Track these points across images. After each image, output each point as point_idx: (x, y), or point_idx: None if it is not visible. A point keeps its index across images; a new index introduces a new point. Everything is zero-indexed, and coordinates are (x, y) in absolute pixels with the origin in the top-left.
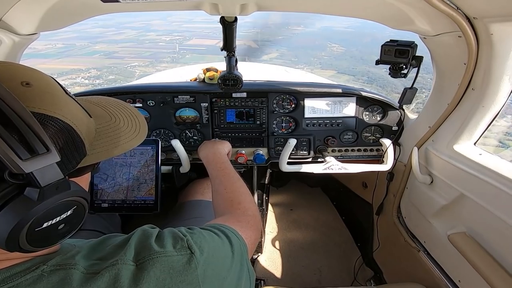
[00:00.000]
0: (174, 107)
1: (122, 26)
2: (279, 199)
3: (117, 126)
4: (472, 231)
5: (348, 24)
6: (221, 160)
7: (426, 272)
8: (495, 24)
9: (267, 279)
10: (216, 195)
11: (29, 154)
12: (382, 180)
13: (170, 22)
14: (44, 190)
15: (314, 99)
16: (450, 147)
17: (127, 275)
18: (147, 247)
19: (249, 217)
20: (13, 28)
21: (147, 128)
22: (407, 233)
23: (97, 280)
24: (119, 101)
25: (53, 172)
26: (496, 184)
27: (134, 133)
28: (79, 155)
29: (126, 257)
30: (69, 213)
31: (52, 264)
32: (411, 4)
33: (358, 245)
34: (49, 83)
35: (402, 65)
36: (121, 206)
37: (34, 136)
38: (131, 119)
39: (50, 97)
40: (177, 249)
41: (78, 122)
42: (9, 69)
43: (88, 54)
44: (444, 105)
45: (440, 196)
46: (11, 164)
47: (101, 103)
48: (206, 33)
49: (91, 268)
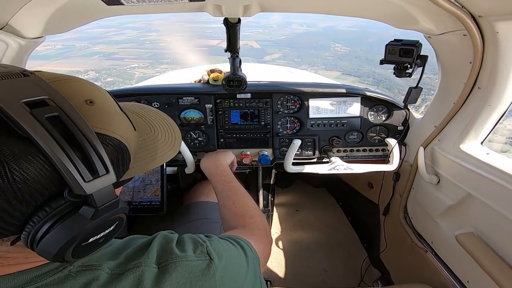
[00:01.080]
0: (178, 108)
1: (123, 27)
2: (284, 200)
3: (156, 138)
4: (480, 232)
5: (352, 24)
6: (224, 173)
7: (434, 273)
8: (500, 23)
9: (273, 280)
10: (225, 210)
11: (91, 176)
12: (388, 180)
13: (173, 22)
14: (99, 210)
15: (318, 99)
16: (457, 146)
17: (150, 277)
18: (169, 251)
19: (262, 231)
20: (19, 31)
21: (181, 139)
22: (414, 233)
23: (121, 281)
24: (157, 111)
25: (109, 192)
26: (503, 183)
27: (170, 145)
28: (123, 170)
29: (149, 259)
30: (112, 228)
31: (78, 264)
32: (416, 3)
33: (365, 245)
34: (108, 100)
35: (406, 65)
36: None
37: (97, 157)
38: (167, 130)
39: (110, 116)
40: (197, 254)
41: (129, 139)
42: (74, 85)
43: (87, 55)
44: (450, 105)
45: (447, 196)
46: (74, 184)
47: (140, 112)
48: (208, 33)
49: (115, 269)
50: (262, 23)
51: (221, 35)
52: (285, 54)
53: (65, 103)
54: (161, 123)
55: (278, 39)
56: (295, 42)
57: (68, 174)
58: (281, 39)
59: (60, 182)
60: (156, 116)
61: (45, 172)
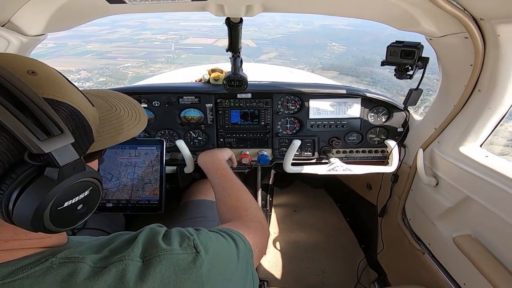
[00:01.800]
0: (179, 107)
1: (117, 25)
2: (283, 200)
3: (118, 115)
4: (477, 234)
5: (348, 22)
6: (221, 167)
7: (431, 274)
8: (502, 25)
9: (270, 280)
10: (221, 203)
11: (46, 136)
12: (386, 181)
13: (166, 20)
14: (63, 169)
15: (319, 100)
16: (456, 149)
17: (133, 271)
18: (154, 244)
19: (257, 223)
20: (21, 29)
21: (147, 116)
22: (411, 235)
23: (104, 274)
24: (117, 93)
25: (69, 153)
26: (502, 186)
27: (135, 121)
28: (88, 140)
29: (133, 253)
30: (86, 193)
31: (61, 256)
32: (417, 5)
33: (362, 247)
34: (53, 72)
35: (408, 66)
36: (125, 206)
37: (48, 119)
38: (130, 109)
39: (57, 85)
40: (183, 248)
41: (84, 108)
42: (13, 59)
43: (80, 54)
44: (450, 107)
45: (445, 198)
46: (31, 145)
47: (100, 94)
48: (203, 31)
49: (99, 262)
50: (258, 21)
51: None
52: (281, 53)
53: (7, 73)
54: (123, 103)
55: (274, 37)
56: (292, 41)
57: (23, 136)
58: (278, 38)
59: (18, 147)
60: (115, 97)
61: (2, 140)
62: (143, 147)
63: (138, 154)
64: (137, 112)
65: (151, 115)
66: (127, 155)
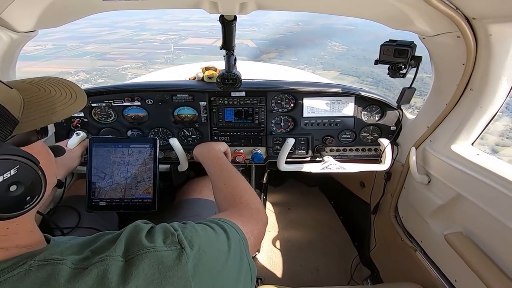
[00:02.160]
0: (172, 105)
1: (116, 26)
2: (277, 198)
3: (48, 95)
4: (468, 231)
5: (348, 22)
6: (217, 156)
7: (423, 271)
8: (494, 25)
9: (264, 277)
10: (217, 191)
11: None
12: (379, 179)
13: (166, 21)
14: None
15: (313, 99)
16: (448, 147)
17: (115, 271)
18: (136, 243)
19: (252, 210)
20: (11, 25)
21: (86, 95)
22: (404, 232)
23: (85, 276)
24: (52, 77)
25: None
26: (492, 184)
27: (70, 100)
28: (7, 122)
29: (115, 252)
30: (13, 172)
31: (39, 259)
32: (411, 5)
33: (355, 244)
34: None
35: (401, 65)
36: (119, 204)
37: None
38: (64, 89)
39: None
40: (167, 244)
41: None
42: None
43: (79, 55)
44: (442, 105)
45: (437, 196)
46: None
47: (30, 81)
48: (202, 32)
49: (79, 263)
50: (258, 21)
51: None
52: (281, 53)
53: None
54: (55, 84)
55: (274, 37)
56: (292, 41)
57: None
58: (277, 38)
59: None
60: (48, 81)
61: None
62: (136, 145)
63: (131, 153)
64: (72, 92)
65: (145, 113)
66: (120, 154)
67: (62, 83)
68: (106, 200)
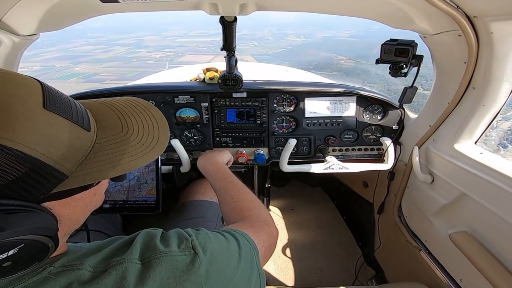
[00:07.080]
0: (174, 107)
1: (113, 43)
2: (280, 199)
3: (124, 139)
4: (473, 230)
5: (350, 33)
6: (220, 169)
7: (428, 271)
8: (495, 23)
9: (268, 279)
10: (224, 205)
11: None
12: (383, 179)
13: (164, 37)
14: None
15: (314, 99)
16: (451, 146)
17: (133, 273)
18: (152, 247)
19: (262, 222)
20: (13, 28)
21: (168, 136)
22: (408, 232)
23: (104, 278)
24: (142, 102)
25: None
26: (497, 183)
27: (145, 149)
28: (47, 181)
29: (132, 255)
30: (11, 252)
31: (58, 265)
32: (412, 3)
33: (359, 244)
34: (16, 94)
35: (402, 64)
36: (122, 206)
37: None
38: (147, 125)
39: (5, 117)
40: (181, 249)
41: (44, 145)
42: None
43: (64, 77)
44: (444, 104)
45: (441, 195)
46: None
47: (121, 108)
48: (200, 48)
49: (98, 265)
50: (257, 36)
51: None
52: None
53: None
54: (142, 114)
55: (275, 52)
56: (295, 56)
57: None
58: (279, 52)
59: None
60: (138, 107)
61: None
62: None
63: None
64: (155, 131)
65: None
66: None
67: (148, 113)
68: (110, 202)
